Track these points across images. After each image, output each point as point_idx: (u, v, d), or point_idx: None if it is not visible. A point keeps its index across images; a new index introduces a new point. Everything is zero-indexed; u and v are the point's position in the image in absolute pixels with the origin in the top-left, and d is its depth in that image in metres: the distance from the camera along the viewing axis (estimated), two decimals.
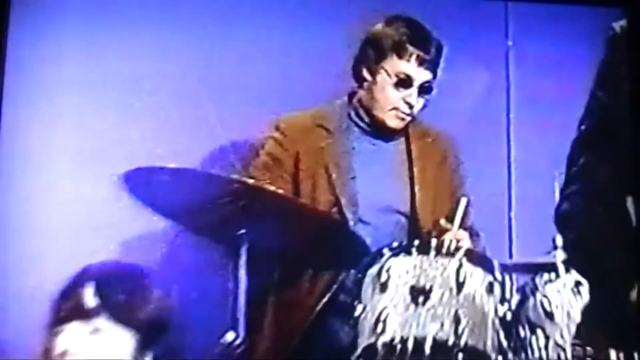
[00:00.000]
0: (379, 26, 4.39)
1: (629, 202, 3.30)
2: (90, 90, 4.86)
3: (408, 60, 4.29)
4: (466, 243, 4.04)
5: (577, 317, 3.87)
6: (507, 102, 5.07)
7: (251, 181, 3.89)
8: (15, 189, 4.64)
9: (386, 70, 4.29)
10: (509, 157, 4.95)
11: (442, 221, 4.11)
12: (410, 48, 4.28)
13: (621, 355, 3.42)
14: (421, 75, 4.29)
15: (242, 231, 3.76)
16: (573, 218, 3.34)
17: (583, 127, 3.35)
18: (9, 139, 4.71)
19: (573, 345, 3.65)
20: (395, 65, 4.28)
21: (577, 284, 3.87)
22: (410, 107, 4.30)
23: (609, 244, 3.29)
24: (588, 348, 3.59)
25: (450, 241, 3.93)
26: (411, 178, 4.34)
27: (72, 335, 3.11)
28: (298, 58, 4.81)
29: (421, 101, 4.30)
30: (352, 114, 4.37)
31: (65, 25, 5.01)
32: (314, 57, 4.78)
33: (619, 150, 3.33)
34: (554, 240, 3.91)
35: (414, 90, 4.29)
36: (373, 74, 4.30)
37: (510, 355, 3.81)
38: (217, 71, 4.85)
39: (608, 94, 3.35)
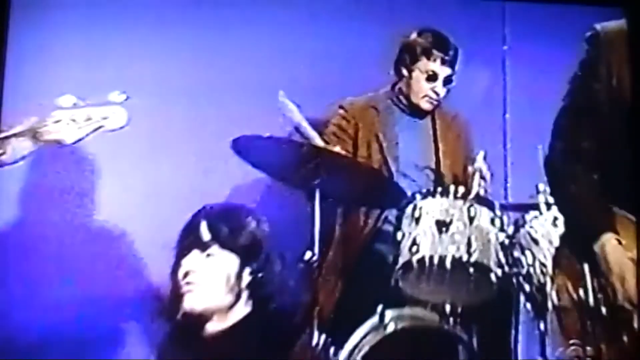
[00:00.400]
0: (412, 36, 4.68)
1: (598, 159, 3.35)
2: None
3: (434, 61, 4.60)
4: (480, 187, 4.38)
5: (555, 242, 3.97)
6: (504, 93, 5.14)
7: (323, 145, 4.27)
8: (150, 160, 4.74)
9: (419, 69, 4.61)
10: (504, 134, 5.06)
11: (470, 168, 4.45)
12: (435, 52, 4.60)
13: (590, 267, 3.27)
14: (444, 71, 4.62)
15: (317, 181, 4.05)
16: (557, 166, 3.43)
17: (567, 102, 3.43)
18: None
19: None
20: (425, 65, 4.60)
21: (555, 218, 4.06)
22: (437, 94, 4.63)
23: (583, 194, 3.36)
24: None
25: (464, 187, 4.25)
26: (436, 145, 4.68)
27: (192, 259, 3.19)
28: (355, 59, 4.95)
29: (444, 90, 4.64)
30: (395, 99, 4.71)
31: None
32: (367, 59, 4.90)
33: (593, 120, 3.36)
34: (537, 187, 4.14)
35: (439, 83, 4.63)
36: (409, 71, 4.63)
37: (506, 268, 4.11)
38: (299, 69, 4.95)
39: (588, 77, 3.40)
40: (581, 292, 3.31)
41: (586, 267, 3.31)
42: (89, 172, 4.84)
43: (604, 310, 3.29)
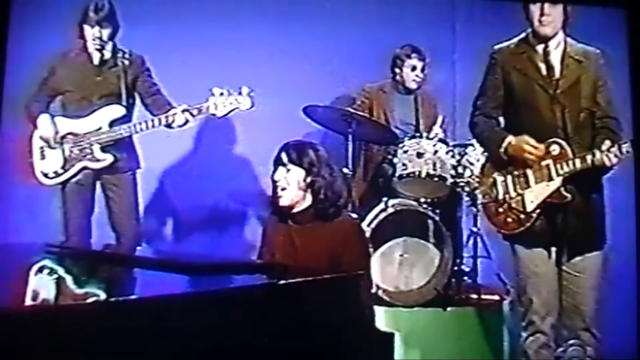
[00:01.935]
0: (398, 50, 4.64)
1: (501, 120, 3.41)
2: None
3: (413, 59, 4.60)
4: (441, 134, 4.43)
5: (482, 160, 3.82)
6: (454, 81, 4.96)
7: (353, 111, 4.33)
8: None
9: (406, 66, 4.61)
10: (454, 107, 4.89)
11: (434, 127, 4.49)
12: (413, 54, 4.59)
13: (501, 177, 3.34)
14: (420, 64, 4.60)
15: (350, 130, 4.23)
16: (478, 124, 3.46)
17: (479, 90, 3.46)
18: None
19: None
20: (409, 64, 4.61)
21: (483, 151, 3.83)
22: (419, 77, 4.61)
23: (492, 130, 3.42)
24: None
25: (434, 133, 4.39)
26: (416, 111, 4.65)
27: (279, 173, 3.11)
28: (372, 62, 4.77)
29: (422, 74, 4.61)
30: (394, 85, 4.67)
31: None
32: (378, 61, 4.73)
33: (494, 99, 3.40)
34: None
35: (418, 71, 4.60)
36: (400, 69, 4.63)
37: (455, 178, 4.28)
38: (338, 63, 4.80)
39: (489, 76, 3.41)
40: (494, 192, 3.40)
41: (497, 177, 3.37)
42: (228, 132, 4.80)
43: (507, 199, 3.35)
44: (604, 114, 3.33)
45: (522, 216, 3.32)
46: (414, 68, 4.61)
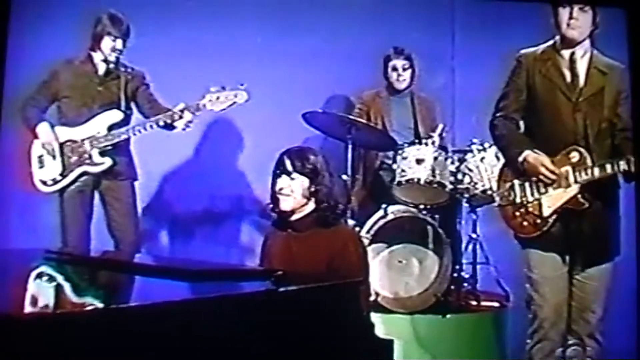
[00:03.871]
0: (390, 52, 4.63)
1: (521, 124, 3.44)
2: None
3: (394, 60, 4.60)
4: (438, 143, 4.33)
5: (482, 171, 4.20)
6: (453, 85, 4.93)
7: (352, 117, 4.34)
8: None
9: (390, 67, 4.61)
10: (453, 112, 4.90)
11: (433, 134, 4.39)
12: (394, 55, 4.58)
13: (519, 181, 3.37)
14: (400, 63, 4.57)
15: (349, 136, 4.20)
16: (498, 126, 3.44)
17: (503, 91, 3.44)
18: None
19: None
20: (392, 65, 4.60)
21: (482, 158, 4.22)
22: (402, 76, 4.59)
23: (511, 136, 3.42)
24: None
25: (432, 140, 4.30)
26: (414, 116, 4.64)
27: (283, 180, 3.07)
28: (370, 66, 4.71)
29: (405, 74, 4.59)
30: (388, 89, 4.66)
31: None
32: (377, 65, 4.67)
33: (517, 101, 3.40)
34: (471, 140, 4.26)
35: (400, 70, 4.58)
36: (386, 71, 4.62)
37: (455, 185, 4.26)
38: (334, 69, 4.81)
39: (514, 80, 3.41)
40: (512, 195, 3.40)
41: (515, 182, 3.38)
42: (227, 127, 4.77)
43: (524, 202, 3.36)
44: (624, 127, 3.33)
45: (539, 220, 3.33)
46: (394, 68, 4.60)
